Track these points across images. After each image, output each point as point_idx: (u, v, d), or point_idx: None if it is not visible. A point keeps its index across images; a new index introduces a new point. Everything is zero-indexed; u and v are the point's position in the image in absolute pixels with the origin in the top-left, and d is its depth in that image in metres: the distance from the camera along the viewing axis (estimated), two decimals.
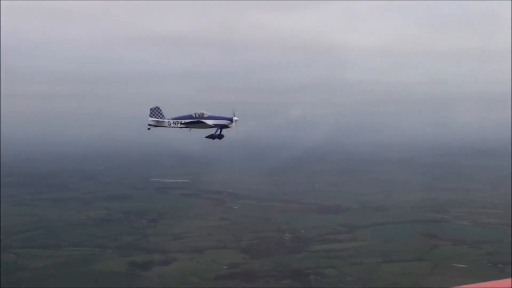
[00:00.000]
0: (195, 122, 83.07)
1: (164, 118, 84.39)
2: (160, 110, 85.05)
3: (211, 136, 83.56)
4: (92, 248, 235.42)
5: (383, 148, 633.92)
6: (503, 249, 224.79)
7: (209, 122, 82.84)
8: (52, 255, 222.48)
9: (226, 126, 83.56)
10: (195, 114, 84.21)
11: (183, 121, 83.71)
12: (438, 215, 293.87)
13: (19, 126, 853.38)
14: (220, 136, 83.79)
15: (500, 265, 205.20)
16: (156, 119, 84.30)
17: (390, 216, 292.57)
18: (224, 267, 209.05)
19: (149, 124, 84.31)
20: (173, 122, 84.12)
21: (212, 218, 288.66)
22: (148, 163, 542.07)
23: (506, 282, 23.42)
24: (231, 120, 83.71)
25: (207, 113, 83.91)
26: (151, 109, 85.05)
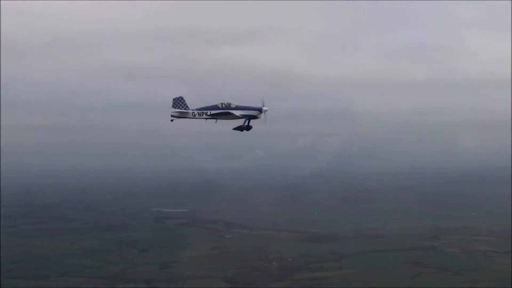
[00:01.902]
0: (222, 113, 79.50)
1: (188, 108, 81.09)
2: (184, 100, 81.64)
3: (239, 128, 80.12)
4: (78, 279, 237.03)
5: (387, 177, 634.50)
6: (486, 277, 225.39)
7: (237, 112, 79.49)
8: (37, 286, 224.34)
9: (254, 117, 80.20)
10: (222, 104, 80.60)
11: (208, 112, 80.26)
12: (429, 242, 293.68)
13: (24, 157, 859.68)
14: (248, 128, 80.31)
15: None
16: (179, 110, 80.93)
17: (381, 244, 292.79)
18: None
19: (172, 115, 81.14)
20: (198, 113, 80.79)
21: (203, 248, 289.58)
22: (154, 192, 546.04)
23: None
24: (260, 110, 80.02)
25: (234, 103, 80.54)
26: (174, 99, 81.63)
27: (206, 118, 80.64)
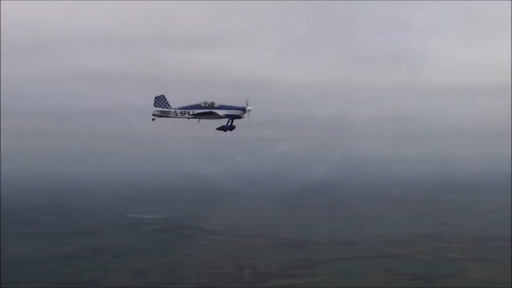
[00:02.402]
0: (206, 113, 77.82)
1: (170, 107, 79.07)
2: (166, 99, 79.52)
3: (222, 128, 78.66)
4: (50, 285, 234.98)
5: (375, 183, 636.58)
6: (458, 284, 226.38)
7: (220, 112, 77.89)
8: None
9: (238, 117, 78.78)
10: (205, 103, 78.92)
11: (191, 111, 78.45)
12: (402, 249, 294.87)
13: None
14: (232, 128, 78.93)
15: None
16: (161, 109, 78.85)
17: (355, 251, 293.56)
18: None
19: (153, 115, 79.11)
20: (180, 112, 78.91)
21: (176, 254, 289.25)
22: (132, 198, 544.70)
23: None
24: (243, 110, 78.66)
25: (217, 102, 79.04)
26: (155, 97, 79.56)
27: (189, 118, 78.98)
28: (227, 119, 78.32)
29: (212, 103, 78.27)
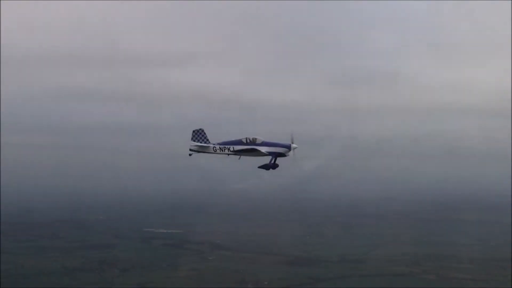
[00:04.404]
0: (248, 150, 73.87)
1: (209, 142, 75.60)
2: (204, 133, 76.03)
3: (265, 167, 74.48)
4: None
5: (387, 201, 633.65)
6: None
7: (263, 149, 73.96)
8: None
9: (282, 155, 74.57)
10: (246, 139, 75.27)
11: (231, 147, 74.87)
12: (408, 269, 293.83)
13: (19, 175, 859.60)
14: (275, 166, 74.75)
15: None
16: (199, 144, 75.44)
17: (361, 269, 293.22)
18: None
19: (190, 149, 75.76)
20: (220, 148, 75.47)
21: (183, 269, 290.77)
22: (152, 213, 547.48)
23: None
24: (289, 147, 74.32)
25: (260, 139, 75.25)
26: (193, 131, 75.81)
27: (229, 154, 75.09)
28: (270, 157, 74.09)
29: (255, 139, 74.72)
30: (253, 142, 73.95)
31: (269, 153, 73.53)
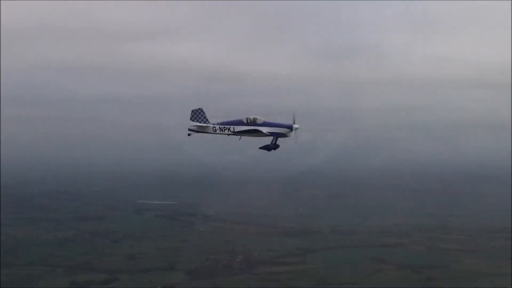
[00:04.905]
0: (249, 130, 72.22)
1: (208, 122, 73.70)
2: (204, 113, 73.96)
3: (266, 147, 72.34)
4: (43, 267, 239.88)
5: (382, 174, 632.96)
6: (443, 275, 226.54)
7: (264, 130, 72.28)
8: None
9: (283, 135, 72.72)
10: (247, 119, 73.23)
11: (232, 127, 73.10)
12: (398, 240, 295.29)
13: (17, 148, 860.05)
14: (276, 147, 72.61)
15: None
16: (198, 124, 73.56)
17: (351, 240, 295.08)
18: (158, 287, 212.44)
19: (189, 129, 73.85)
20: (219, 128, 73.45)
21: (174, 240, 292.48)
22: (148, 185, 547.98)
23: None
24: (290, 128, 72.38)
25: (261, 119, 73.33)
26: (192, 111, 73.93)
27: (229, 134, 73.57)
28: (271, 137, 72.43)
29: (255, 119, 72.89)
30: (253, 122, 72.75)
31: (271, 134, 72.26)
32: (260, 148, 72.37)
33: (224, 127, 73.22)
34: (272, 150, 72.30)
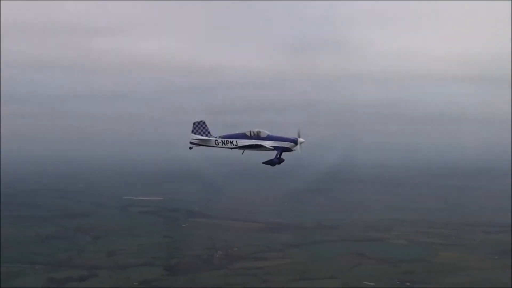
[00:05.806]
0: (253, 145, 69.70)
1: (210, 135, 71.77)
2: (206, 125, 72.08)
3: (270, 162, 69.87)
4: (23, 265, 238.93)
5: (379, 169, 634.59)
6: (421, 268, 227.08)
7: (268, 144, 69.56)
8: None
9: (288, 149, 70.02)
10: (250, 132, 70.90)
11: (234, 141, 70.81)
12: (381, 234, 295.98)
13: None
14: (281, 161, 69.96)
15: (408, 283, 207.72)
16: (200, 137, 71.57)
17: (334, 235, 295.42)
18: (135, 283, 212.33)
19: (191, 143, 71.98)
20: (222, 141, 71.32)
21: (156, 236, 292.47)
22: (135, 181, 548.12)
23: None
24: (295, 142, 69.73)
25: (265, 132, 70.86)
26: (194, 123, 72.02)
27: (231, 148, 71.42)
28: (275, 152, 69.85)
29: (259, 133, 70.46)
30: (257, 135, 70.36)
31: (275, 148, 69.60)
32: (264, 163, 70.20)
33: (226, 141, 71.29)
34: (277, 165, 69.92)
